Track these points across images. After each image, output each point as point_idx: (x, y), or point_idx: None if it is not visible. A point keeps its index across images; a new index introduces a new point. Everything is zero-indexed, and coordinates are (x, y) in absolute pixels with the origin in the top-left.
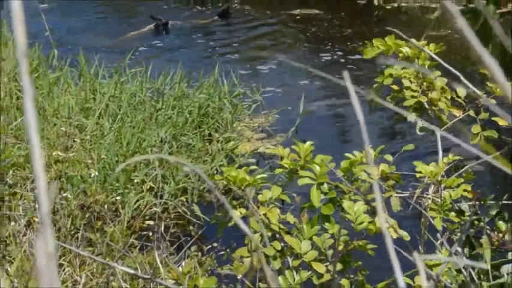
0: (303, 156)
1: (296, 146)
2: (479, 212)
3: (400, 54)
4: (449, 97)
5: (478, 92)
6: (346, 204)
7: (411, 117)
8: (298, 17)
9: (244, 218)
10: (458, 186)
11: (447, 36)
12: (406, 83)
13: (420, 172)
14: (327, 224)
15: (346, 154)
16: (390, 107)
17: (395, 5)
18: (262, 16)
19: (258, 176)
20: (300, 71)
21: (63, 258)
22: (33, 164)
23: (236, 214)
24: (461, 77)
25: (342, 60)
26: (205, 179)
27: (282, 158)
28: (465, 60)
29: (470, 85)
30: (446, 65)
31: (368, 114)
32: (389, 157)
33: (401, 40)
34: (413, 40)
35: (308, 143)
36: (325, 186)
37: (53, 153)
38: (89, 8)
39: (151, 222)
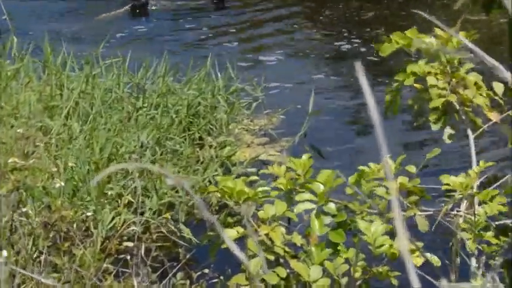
0: (301, 173)
1: (291, 163)
2: None
3: (423, 46)
4: (485, 94)
5: None
6: (362, 224)
7: (435, 126)
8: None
9: (243, 238)
10: (492, 199)
11: (485, 22)
12: (431, 80)
13: (448, 185)
14: (340, 246)
15: (360, 167)
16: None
17: None
18: None
19: (259, 189)
20: (310, 62)
21: (23, 286)
22: None
23: (232, 234)
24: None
25: (362, 49)
26: (191, 194)
27: (277, 178)
28: (505, 52)
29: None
30: (481, 53)
31: (384, 117)
32: (412, 169)
33: (430, 26)
34: (437, 29)
35: (305, 156)
36: (332, 207)
37: (9, 160)
38: None
39: (129, 244)
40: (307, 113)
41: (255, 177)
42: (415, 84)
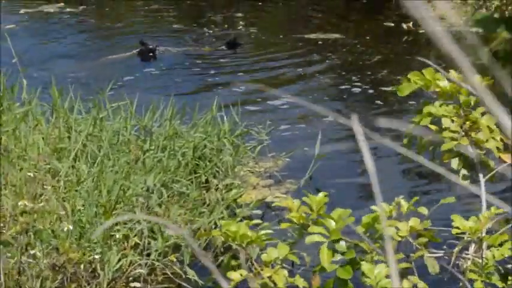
0: (315, 209)
1: (307, 198)
2: None
3: (437, 89)
4: (498, 138)
5: None
6: (365, 266)
7: (454, 163)
8: (315, 43)
9: (247, 281)
10: (501, 244)
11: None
12: (446, 122)
13: (458, 228)
14: (349, 285)
15: (372, 207)
16: (424, 162)
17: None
18: (271, 41)
19: (262, 232)
20: (317, 105)
21: None
22: None
23: (235, 277)
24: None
25: (369, 92)
26: (190, 243)
27: (290, 211)
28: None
29: None
30: (491, 101)
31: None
32: (424, 210)
33: (437, 72)
34: (452, 72)
35: (321, 194)
36: (342, 245)
37: (19, 203)
38: (66, 29)
39: (136, 285)
40: (313, 156)
41: (258, 221)
42: (430, 125)
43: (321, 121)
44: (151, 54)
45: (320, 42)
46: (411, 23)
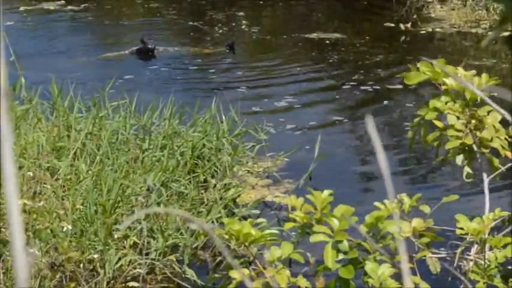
0: (319, 208)
1: (311, 196)
2: None
3: (444, 87)
4: (503, 137)
5: None
6: (368, 266)
7: (459, 160)
8: (316, 42)
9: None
10: (505, 246)
11: (494, 67)
12: (451, 119)
13: (462, 229)
14: (351, 285)
15: (376, 203)
16: None
17: (430, 29)
18: (273, 41)
19: (267, 231)
20: (317, 106)
21: None
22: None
23: (238, 276)
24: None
25: (369, 93)
26: (215, 239)
27: (292, 209)
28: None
29: None
30: (492, 104)
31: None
32: (426, 208)
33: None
34: (460, 69)
35: (326, 192)
36: (345, 244)
37: (18, 202)
38: (66, 27)
39: (135, 285)
40: (313, 156)
41: (261, 220)
42: (435, 121)
43: (321, 121)
44: (150, 53)
45: (320, 42)
46: (409, 23)
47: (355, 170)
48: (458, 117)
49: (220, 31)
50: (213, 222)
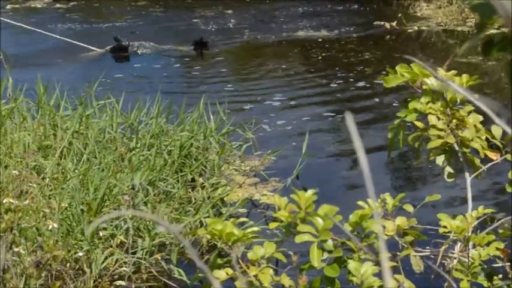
0: (303, 207)
1: (295, 195)
2: None
3: (424, 87)
4: (484, 137)
5: None
6: (352, 265)
7: (440, 160)
8: (301, 40)
9: (233, 279)
10: (489, 244)
11: (480, 64)
12: (432, 120)
13: (445, 227)
14: (337, 283)
15: (359, 202)
16: None
17: (416, 27)
18: (258, 38)
19: (248, 230)
20: (304, 104)
21: None
22: None
23: (221, 275)
24: (495, 118)
25: (355, 91)
26: (181, 240)
27: (278, 208)
28: (501, 92)
29: (506, 127)
30: (476, 102)
31: (388, 158)
32: (409, 207)
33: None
34: (440, 70)
35: (310, 191)
36: (330, 244)
37: (4, 201)
38: (52, 25)
39: (122, 283)
40: (300, 155)
41: (244, 219)
42: (416, 122)
43: (308, 120)
44: (124, 51)
45: (307, 40)
46: (396, 22)
47: (343, 169)
48: (438, 118)
49: (209, 28)
50: (201, 221)
